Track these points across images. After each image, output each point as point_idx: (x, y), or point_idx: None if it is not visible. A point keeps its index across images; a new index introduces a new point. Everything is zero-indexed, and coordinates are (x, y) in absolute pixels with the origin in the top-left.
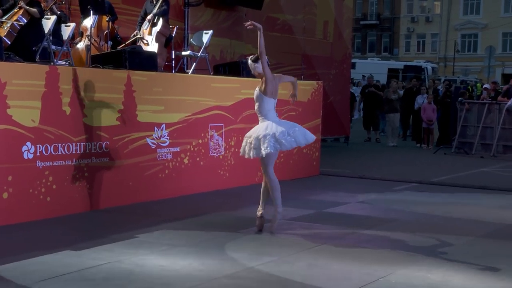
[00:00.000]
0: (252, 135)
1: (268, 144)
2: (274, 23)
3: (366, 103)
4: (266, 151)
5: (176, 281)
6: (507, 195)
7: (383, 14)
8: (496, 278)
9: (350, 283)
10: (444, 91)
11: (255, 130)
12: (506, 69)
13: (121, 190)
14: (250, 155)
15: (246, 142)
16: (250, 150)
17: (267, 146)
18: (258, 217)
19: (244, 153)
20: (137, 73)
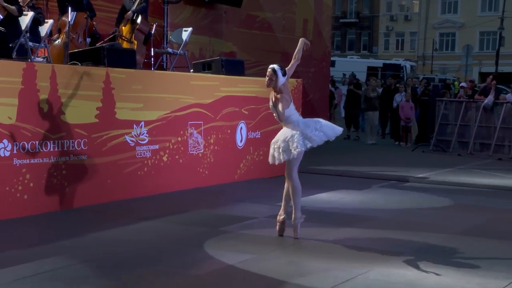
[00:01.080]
0: (279, 139)
1: (298, 143)
2: (254, 21)
3: (346, 102)
4: (297, 150)
5: (155, 279)
6: (482, 192)
7: (362, 12)
8: (473, 274)
9: (328, 280)
10: (422, 90)
11: (281, 134)
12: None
13: (100, 188)
14: (281, 159)
15: (274, 148)
16: (279, 154)
17: (297, 145)
18: (280, 222)
19: (274, 160)
20: (116, 70)
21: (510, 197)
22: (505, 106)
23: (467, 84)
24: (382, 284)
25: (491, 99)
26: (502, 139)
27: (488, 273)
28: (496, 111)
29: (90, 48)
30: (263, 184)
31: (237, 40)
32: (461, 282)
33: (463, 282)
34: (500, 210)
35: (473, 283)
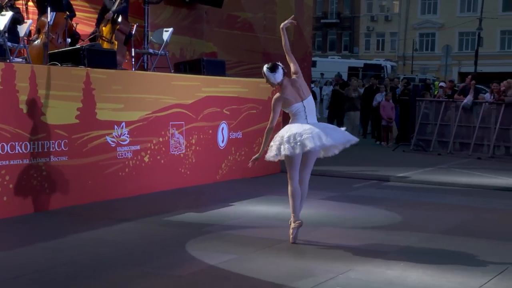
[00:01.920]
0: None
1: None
2: (235, 21)
3: (331, 102)
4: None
5: (137, 280)
6: (462, 191)
7: (343, 13)
8: (454, 272)
9: (310, 279)
10: (402, 89)
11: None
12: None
13: (81, 189)
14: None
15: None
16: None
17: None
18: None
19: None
20: (96, 70)
21: (489, 196)
22: (484, 106)
23: (446, 84)
24: (363, 283)
25: (470, 99)
26: (481, 138)
27: (468, 271)
28: (475, 110)
29: (70, 49)
30: (245, 184)
31: (218, 40)
32: (442, 281)
33: (443, 280)
34: (480, 209)
35: (454, 281)
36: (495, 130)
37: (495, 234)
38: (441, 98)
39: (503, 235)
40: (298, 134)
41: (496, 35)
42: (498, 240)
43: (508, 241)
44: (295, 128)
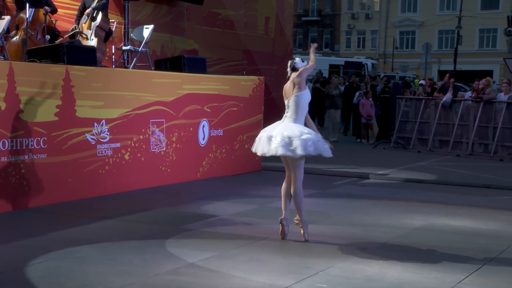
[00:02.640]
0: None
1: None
2: (215, 18)
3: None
4: None
5: (116, 278)
6: (440, 188)
7: (324, 10)
8: (432, 269)
9: (290, 276)
10: (382, 87)
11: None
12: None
13: (60, 187)
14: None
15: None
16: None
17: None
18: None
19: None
20: (76, 67)
21: (467, 193)
22: (463, 104)
23: (426, 82)
24: (343, 280)
25: (449, 97)
26: (460, 136)
27: (446, 267)
28: (454, 108)
29: (49, 45)
30: (225, 182)
31: (199, 37)
32: (420, 277)
33: (422, 277)
34: (458, 206)
35: (432, 277)
36: (473, 128)
37: (473, 231)
38: (420, 96)
39: (480, 231)
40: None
41: (474, 33)
42: (475, 237)
43: (484, 238)
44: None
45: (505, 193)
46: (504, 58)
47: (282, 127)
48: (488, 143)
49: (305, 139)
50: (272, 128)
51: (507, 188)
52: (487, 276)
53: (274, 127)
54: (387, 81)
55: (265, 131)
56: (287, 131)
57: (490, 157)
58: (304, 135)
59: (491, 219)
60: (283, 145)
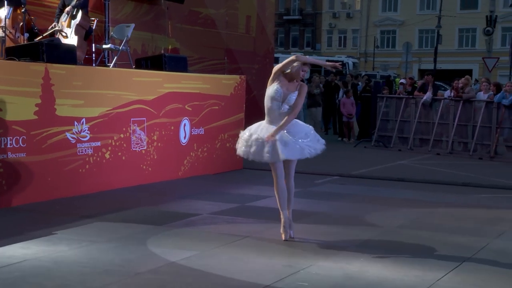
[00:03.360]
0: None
1: None
2: (197, 17)
3: None
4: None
5: (96, 278)
6: (420, 186)
7: (305, 9)
8: (411, 266)
9: (271, 275)
10: (363, 86)
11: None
12: (422, 64)
13: (40, 186)
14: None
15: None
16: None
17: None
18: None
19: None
20: (56, 66)
21: (447, 191)
22: (443, 103)
23: (406, 81)
24: (323, 278)
25: (429, 96)
26: (440, 134)
27: (425, 265)
28: (435, 107)
29: (28, 44)
30: (207, 181)
31: (180, 36)
32: (400, 275)
33: (401, 274)
34: (438, 204)
35: (411, 275)
36: (453, 126)
37: (452, 229)
38: (401, 95)
39: (459, 230)
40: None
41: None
42: (454, 235)
43: (463, 235)
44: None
45: (483, 191)
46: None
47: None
48: (468, 141)
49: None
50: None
51: (485, 186)
52: (466, 274)
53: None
54: (368, 80)
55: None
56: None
57: (470, 156)
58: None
59: (470, 217)
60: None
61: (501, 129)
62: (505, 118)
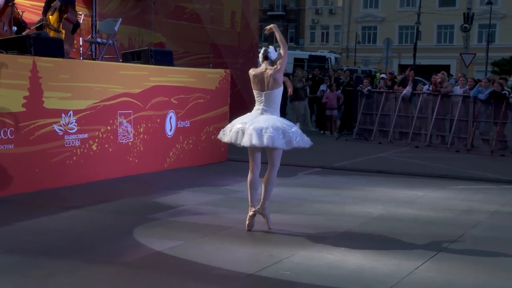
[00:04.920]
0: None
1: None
2: (182, 12)
3: None
4: None
5: (83, 267)
6: (399, 178)
7: (289, 5)
8: (390, 256)
9: (254, 264)
10: (347, 81)
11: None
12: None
13: (27, 177)
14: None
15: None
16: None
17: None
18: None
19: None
20: (43, 59)
21: (425, 182)
22: (422, 97)
23: (387, 76)
24: (305, 267)
25: (409, 90)
26: (419, 128)
27: (404, 254)
28: (414, 101)
29: (15, 37)
30: (192, 172)
31: (166, 31)
32: (379, 264)
33: (380, 263)
34: (416, 195)
35: (390, 264)
36: (431, 120)
37: (429, 219)
38: (382, 89)
39: (437, 220)
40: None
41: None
42: (431, 225)
43: (440, 225)
44: (242, 118)
45: (460, 183)
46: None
47: (267, 120)
48: (445, 135)
49: (295, 131)
50: (252, 119)
51: (462, 178)
52: (442, 262)
53: (254, 119)
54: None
55: (246, 123)
56: (276, 123)
57: (447, 148)
58: (293, 128)
59: (447, 208)
60: (275, 137)
61: (477, 123)
62: (481, 112)
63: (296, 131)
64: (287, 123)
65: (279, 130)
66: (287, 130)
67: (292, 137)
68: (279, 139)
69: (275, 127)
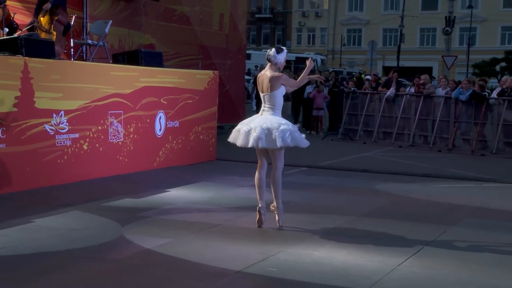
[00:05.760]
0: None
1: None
2: (172, 14)
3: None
4: None
5: (74, 264)
6: (383, 178)
7: (276, 8)
8: (376, 252)
9: (242, 261)
10: (333, 82)
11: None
12: (386, 62)
13: (19, 176)
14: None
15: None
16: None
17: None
18: (261, 212)
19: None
20: (34, 60)
21: (407, 181)
22: (405, 98)
23: (371, 77)
24: (292, 263)
25: (392, 91)
26: (402, 128)
27: (388, 251)
28: (397, 102)
29: (7, 38)
30: (181, 171)
31: (156, 32)
32: (365, 260)
33: (366, 260)
34: (399, 194)
35: (375, 260)
36: (414, 120)
37: (413, 217)
38: (366, 90)
39: (420, 217)
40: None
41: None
42: (415, 222)
43: (423, 223)
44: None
45: (442, 181)
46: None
47: (261, 120)
48: (428, 135)
49: (283, 130)
50: (250, 120)
51: (444, 177)
52: (425, 258)
53: (252, 120)
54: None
55: (243, 123)
56: (266, 123)
57: (429, 148)
58: (282, 126)
59: (429, 205)
60: (262, 137)
61: (459, 123)
62: (462, 113)
63: (285, 129)
64: (278, 122)
65: (266, 130)
66: (272, 129)
67: (278, 135)
68: (263, 139)
69: (264, 127)
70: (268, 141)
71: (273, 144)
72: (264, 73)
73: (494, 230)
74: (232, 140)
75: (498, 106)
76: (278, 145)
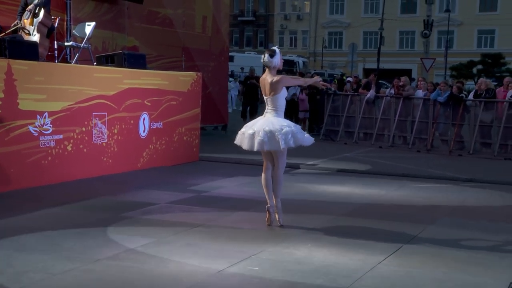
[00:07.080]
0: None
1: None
2: (155, 16)
3: (247, 94)
4: None
5: (57, 264)
6: (364, 178)
7: (258, 11)
8: (355, 251)
9: (224, 260)
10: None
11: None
12: (366, 64)
13: (3, 176)
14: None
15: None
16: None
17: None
18: (271, 211)
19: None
20: (18, 62)
21: (388, 181)
22: (385, 100)
23: (352, 79)
24: (273, 263)
25: (372, 93)
26: (382, 129)
27: (368, 250)
28: (377, 103)
29: None
30: (164, 172)
31: (139, 35)
32: (345, 259)
33: (346, 258)
34: (379, 194)
35: (355, 259)
36: (394, 122)
37: (392, 216)
38: (348, 92)
39: (399, 216)
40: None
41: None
42: (394, 222)
43: (402, 222)
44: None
45: (421, 181)
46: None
47: (263, 122)
48: (407, 135)
49: (285, 132)
50: (253, 123)
51: (422, 177)
52: (404, 257)
53: (255, 122)
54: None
55: (247, 127)
56: (268, 126)
57: (409, 149)
58: (284, 129)
59: (409, 205)
60: (266, 140)
61: (437, 124)
62: (440, 114)
63: (287, 131)
64: (280, 124)
65: (269, 133)
66: (275, 131)
67: (281, 138)
68: (267, 142)
69: (267, 130)
70: (272, 143)
71: (277, 146)
72: (265, 77)
73: (471, 229)
74: (238, 143)
75: (475, 108)
76: (281, 147)
